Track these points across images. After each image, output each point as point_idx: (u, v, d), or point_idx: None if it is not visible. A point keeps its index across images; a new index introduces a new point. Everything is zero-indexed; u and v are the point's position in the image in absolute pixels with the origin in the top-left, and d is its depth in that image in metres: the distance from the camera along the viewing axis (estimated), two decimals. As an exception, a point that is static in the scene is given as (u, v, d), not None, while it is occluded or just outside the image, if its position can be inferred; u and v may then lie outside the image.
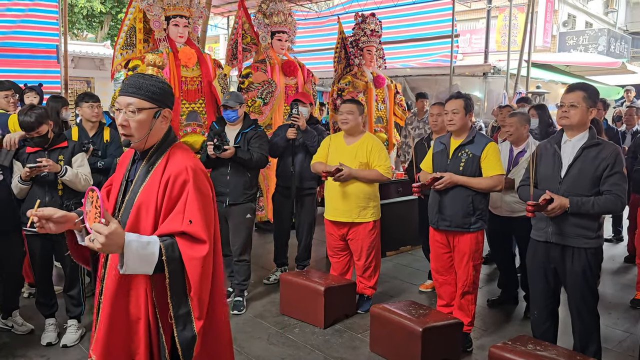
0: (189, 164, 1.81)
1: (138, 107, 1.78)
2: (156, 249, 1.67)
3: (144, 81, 1.81)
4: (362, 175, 3.94)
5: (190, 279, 1.72)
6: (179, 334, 1.73)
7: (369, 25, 6.85)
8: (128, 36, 5.34)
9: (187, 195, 1.76)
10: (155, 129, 1.83)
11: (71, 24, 14.98)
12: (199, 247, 1.72)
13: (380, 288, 4.54)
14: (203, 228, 1.73)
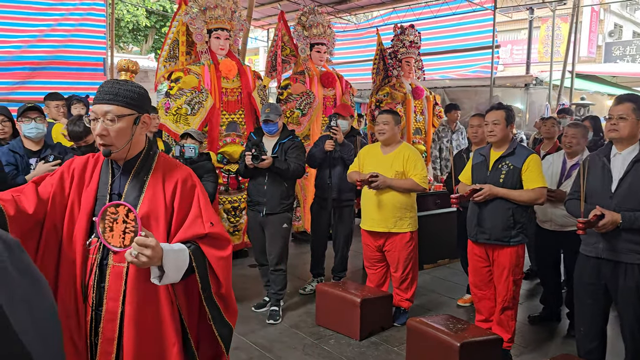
0: (188, 169, 1.85)
1: (117, 114, 1.68)
2: (186, 256, 1.67)
3: (120, 87, 1.70)
4: (397, 184, 3.92)
5: (220, 277, 1.75)
6: (219, 331, 1.79)
7: (408, 36, 6.85)
8: (171, 49, 5.50)
9: (198, 199, 1.78)
10: (136, 136, 1.74)
11: (117, 38, 15.54)
12: (224, 246, 1.77)
13: (417, 301, 4.48)
14: (222, 228, 1.79)
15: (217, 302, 1.79)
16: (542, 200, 3.40)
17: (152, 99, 5.24)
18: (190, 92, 5.11)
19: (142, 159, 1.79)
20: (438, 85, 9.88)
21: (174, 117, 5.04)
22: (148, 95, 1.80)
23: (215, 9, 5.36)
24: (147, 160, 1.80)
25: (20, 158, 3.44)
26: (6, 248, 0.82)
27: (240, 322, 4.04)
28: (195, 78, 5.19)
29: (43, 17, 6.88)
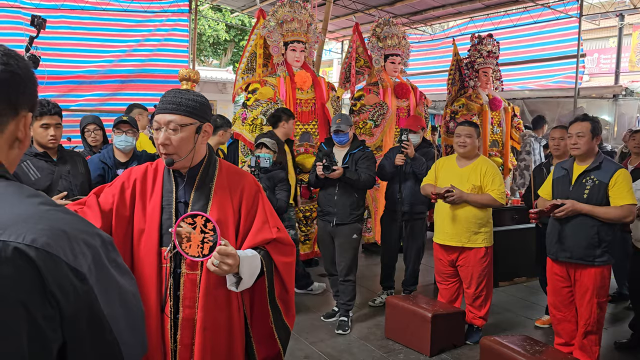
0: (250, 175, 1.91)
1: (179, 123, 1.68)
2: (258, 262, 1.71)
3: (182, 97, 1.71)
4: (474, 199, 3.80)
5: (285, 282, 1.81)
6: (278, 333, 1.83)
7: (486, 46, 6.68)
8: (249, 61, 5.69)
9: (263, 204, 1.82)
10: (198, 145, 1.75)
11: (199, 52, 16.29)
12: (289, 251, 1.82)
13: (491, 319, 4.30)
14: (287, 233, 1.84)
15: (279, 305, 1.84)
16: (631, 218, 3.18)
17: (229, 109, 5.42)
18: (266, 103, 5.25)
19: (204, 167, 1.81)
20: (517, 96, 9.51)
21: (250, 127, 5.20)
22: (209, 104, 1.81)
23: (292, 22, 5.49)
24: (210, 167, 1.82)
25: (108, 169, 3.65)
26: (103, 243, 0.89)
27: (310, 330, 4.08)
28: (271, 89, 5.33)
29: (132, 34, 7.32)
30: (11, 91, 0.90)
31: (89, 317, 0.84)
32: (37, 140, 3.03)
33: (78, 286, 0.82)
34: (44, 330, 0.79)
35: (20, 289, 0.77)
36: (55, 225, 0.83)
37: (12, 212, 0.82)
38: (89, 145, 4.15)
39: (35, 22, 4.79)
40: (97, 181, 3.58)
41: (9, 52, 0.91)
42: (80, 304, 0.82)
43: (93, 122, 4.20)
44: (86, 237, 0.86)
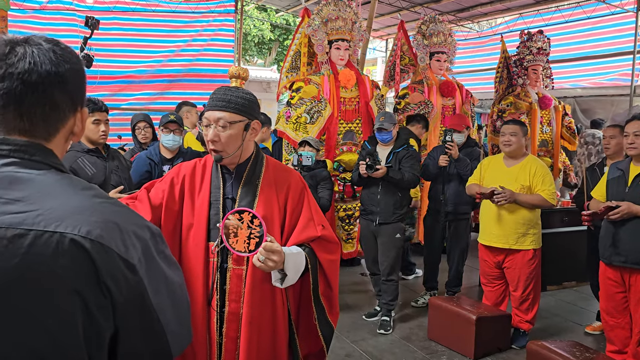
0: (296, 172, 1.92)
1: (228, 120, 1.71)
2: (303, 259, 1.73)
3: (232, 94, 1.74)
4: (523, 200, 3.68)
5: (329, 279, 1.82)
6: (322, 331, 1.84)
7: (536, 43, 6.47)
8: (293, 60, 5.72)
9: (308, 201, 1.83)
10: (246, 142, 1.78)
11: (244, 51, 16.51)
12: (334, 249, 1.83)
13: (539, 324, 4.17)
14: (332, 231, 1.84)
15: (323, 302, 1.84)
16: (693, 221, 3.01)
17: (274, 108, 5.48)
18: (310, 102, 5.27)
19: (252, 164, 1.83)
20: (568, 94, 9.18)
21: (293, 125, 5.23)
22: (257, 101, 1.83)
23: (337, 21, 5.48)
24: (257, 164, 1.85)
25: (154, 165, 3.75)
26: (152, 236, 0.91)
27: (351, 329, 4.07)
28: (315, 88, 5.34)
29: (180, 34, 7.50)
30: (74, 88, 0.93)
31: (139, 307, 0.86)
32: (88, 136, 3.14)
33: (129, 277, 0.84)
34: (97, 319, 0.81)
35: (76, 278, 0.79)
36: (108, 217, 0.85)
37: (67, 204, 0.84)
38: (139, 142, 4.28)
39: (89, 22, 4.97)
40: (144, 177, 3.69)
41: (70, 49, 0.94)
42: (130, 294, 0.84)
43: (143, 120, 4.32)
44: (136, 230, 0.88)
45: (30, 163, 0.87)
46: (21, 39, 0.89)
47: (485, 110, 9.61)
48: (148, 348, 0.90)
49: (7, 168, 0.85)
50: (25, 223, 0.79)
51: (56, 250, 0.78)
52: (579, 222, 3.75)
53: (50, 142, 0.92)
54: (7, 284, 0.77)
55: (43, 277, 0.78)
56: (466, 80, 8.76)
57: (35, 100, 0.88)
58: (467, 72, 9.97)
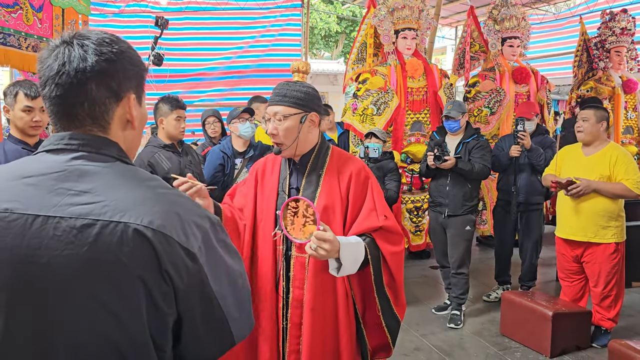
0: (360, 162, 1.91)
1: (284, 114, 1.79)
2: (362, 249, 1.73)
3: (289, 88, 1.81)
4: (604, 189, 3.46)
5: (392, 270, 1.80)
6: (387, 323, 1.84)
7: (619, 22, 6.05)
8: (359, 51, 5.69)
9: (372, 191, 1.82)
10: (304, 134, 1.82)
11: (311, 45, 16.63)
12: (397, 240, 1.81)
13: (622, 322, 3.93)
14: (395, 221, 1.81)
15: (388, 294, 1.83)
16: None
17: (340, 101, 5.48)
18: (376, 93, 5.23)
19: (315, 155, 1.88)
20: (657, 77, 8.53)
21: (360, 117, 5.21)
22: (316, 94, 1.87)
23: (403, 9, 5.39)
24: (321, 155, 1.89)
25: (227, 158, 3.88)
26: (212, 225, 0.94)
27: (420, 322, 4.02)
28: (382, 79, 5.28)
29: (248, 30, 7.66)
30: (110, 79, 0.93)
31: (200, 294, 0.89)
32: (169, 131, 3.31)
33: (190, 265, 0.86)
34: (160, 305, 0.85)
35: (140, 266, 0.83)
36: (170, 207, 0.88)
37: (131, 195, 0.87)
38: (209, 136, 4.43)
39: (159, 22, 5.19)
40: (218, 170, 3.83)
41: (102, 39, 0.93)
42: (192, 281, 0.87)
43: (212, 115, 4.48)
44: (197, 219, 0.91)
45: (97, 156, 0.92)
46: (63, 40, 0.92)
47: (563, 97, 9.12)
48: (210, 334, 0.93)
49: (76, 161, 0.90)
50: (93, 213, 0.83)
51: (120, 239, 0.82)
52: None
53: (108, 134, 0.96)
54: (78, 271, 0.82)
55: (109, 265, 0.82)
56: (542, 65, 8.34)
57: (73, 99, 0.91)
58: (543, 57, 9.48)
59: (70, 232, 0.82)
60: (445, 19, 10.03)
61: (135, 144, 1.03)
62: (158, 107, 3.34)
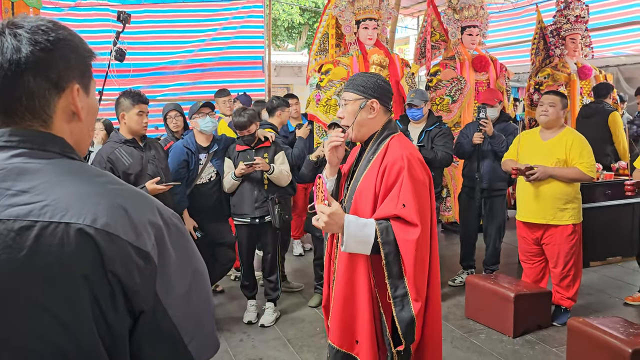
0: (405, 152, 1.92)
1: (347, 99, 2.00)
2: (372, 231, 1.81)
3: (358, 77, 2.03)
4: (560, 174, 3.57)
5: (404, 260, 1.82)
6: (397, 314, 1.84)
7: (573, 10, 6.22)
8: (321, 42, 5.68)
9: (401, 181, 1.86)
10: (362, 118, 1.98)
11: (274, 37, 16.52)
12: (411, 230, 1.82)
13: (581, 300, 4.07)
14: (415, 212, 1.82)
15: (398, 281, 1.84)
16: None
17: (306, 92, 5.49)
18: (339, 84, 5.23)
19: (374, 140, 2.01)
20: (611, 63, 8.79)
21: (324, 108, 5.21)
22: (382, 84, 2.02)
23: (363, 0, 5.40)
24: (379, 141, 2.00)
25: (191, 154, 3.84)
26: (166, 223, 0.88)
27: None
28: (344, 69, 5.29)
29: (210, 23, 7.55)
30: (48, 69, 0.87)
31: (153, 297, 0.83)
32: (131, 127, 3.25)
33: (142, 265, 0.81)
34: (108, 309, 0.80)
35: (83, 268, 0.78)
36: (118, 203, 0.83)
37: (75, 193, 0.82)
38: (171, 131, 4.36)
39: (120, 17, 5.08)
40: (182, 166, 3.79)
41: (36, 27, 0.86)
42: (147, 283, 0.82)
43: (174, 109, 4.41)
44: (150, 217, 0.85)
45: (39, 153, 0.86)
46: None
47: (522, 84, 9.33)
48: (162, 348, 0.86)
49: (16, 159, 0.84)
50: (32, 214, 0.78)
51: (62, 241, 0.77)
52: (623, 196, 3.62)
53: (51, 129, 0.89)
54: (17, 275, 0.77)
55: (50, 268, 0.78)
56: (501, 54, 8.50)
57: (9, 93, 0.86)
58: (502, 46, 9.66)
59: (7, 235, 0.78)
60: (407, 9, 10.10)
61: (83, 137, 0.96)
62: (119, 102, 3.27)
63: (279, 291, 4.05)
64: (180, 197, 3.71)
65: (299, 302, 4.35)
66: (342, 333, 1.99)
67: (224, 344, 3.61)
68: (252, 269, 4.07)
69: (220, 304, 4.37)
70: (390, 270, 1.83)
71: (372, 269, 1.91)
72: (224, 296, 4.55)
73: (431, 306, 1.97)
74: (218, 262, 3.94)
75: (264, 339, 3.70)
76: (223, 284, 4.71)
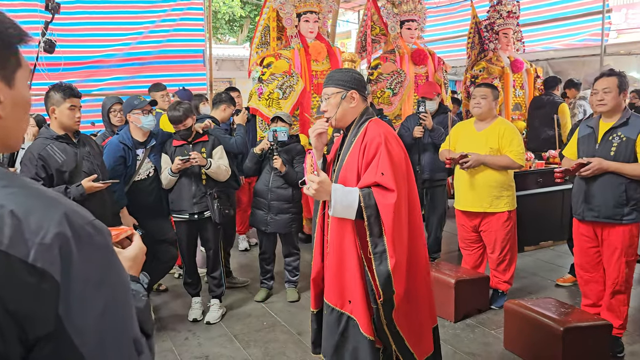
0: (382, 130, 2.20)
1: (328, 93, 2.28)
2: (356, 197, 2.08)
3: (335, 74, 2.31)
4: (491, 161, 3.72)
5: (384, 222, 2.08)
6: (376, 268, 2.09)
7: (505, 6, 6.46)
8: (263, 35, 5.63)
9: (380, 154, 2.12)
10: (344, 108, 2.26)
11: (215, 30, 16.20)
12: (389, 195, 2.08)
13: (517, 284, 4.27)
14: (392, 179, 2.08)
15: (378, 240, 2.09)
16: (660, 174, 3.08)
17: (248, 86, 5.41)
18: (281, 77, 5.21)
19: (354, 125, 2.28)
20: (541, 57, 9.23)
21: (266, 101, 5.17)
22: (357, 76, 2.30)
23: (304, -8, 5.39)
24: (357, 125, 2.27)
25: (128, 150, 3.70)
26: (75, 234, 0.75)
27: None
28: (286, 62, 5.27)
29: (148, 15, 7.30)
30: None
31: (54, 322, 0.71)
32: (63, 122, 3.09)
33: (34, 284, 0.69)
34: None
35: None
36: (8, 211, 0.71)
37: None
38: (114, 125, 4.19)
39: (49, 6, 4.82)
40: (119, 162, 3.64)
41: None
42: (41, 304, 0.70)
43: (118, 102, 4.23)
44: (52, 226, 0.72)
45: None
46: None
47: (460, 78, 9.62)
48: None
49: None
50: None
51: None
52: (553, 183, 3.81)
53: None
54: None
55: None
56: (439, 48, 8.73)
57: None
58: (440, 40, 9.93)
59: None
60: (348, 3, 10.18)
61: (9, 133, 0.84)
62: (49, 96, 3.10)
63: (223, 287, 4.00)
64: (118, 194, 3.59)
65: (245, 298, 4.31)
66: (336, 293, 2.24)
67: (168, 343, 3.53)
68: (194, 265, 4.00)
69: (164, 302, 4.27)
70: (372, 230, 2.08)
71: (357, 232, 2.16)
72: (168, 295, 4.44)
73: (414, 262, 2.23)
74: (159, 260, 3.83)
75: (210, 336, 3.64)
76: (167, 282, 4.60)
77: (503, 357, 3.26)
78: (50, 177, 3.04)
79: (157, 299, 4.32)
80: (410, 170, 2.25)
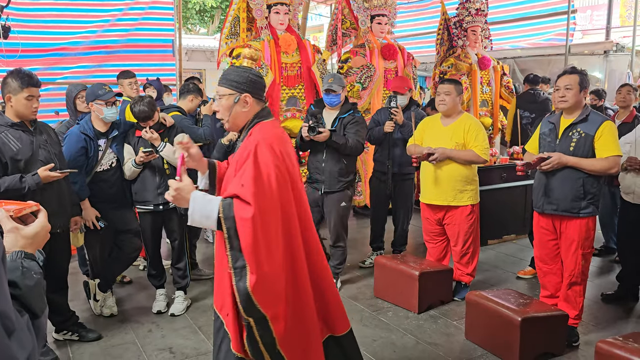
0: (259, 137, 2.04)
1: (221, 94, 2.12)
2: (216, 207, 1.94)
3: (231, 72, 2.13)
4: (456, 155, 3.79)
5: (240, 236, 1.91)
6: (236, 284, 1.93)
7: (474, 4, 6.56)
8: (232, 26, 5.57)
9: (247, 165, 1.98)
10: (237, 112, 2.11)
11: (185, 20, 15.97)
12: (246, 208, 1.91)
13: (480, 276, 4.36)
14: (250, 192, 1.91)
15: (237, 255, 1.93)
16: (616, 170, 3.19)
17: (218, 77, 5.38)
18: (251, 68, 5.17)
19: (244, 129, 2.16)
20: (508, 55, 9.41)
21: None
22: (253, 78, 2.13)
23: (274, -16, 5.35)
24: (245, 129, 2.15)
25: (90, 140, 3.61)
26: None
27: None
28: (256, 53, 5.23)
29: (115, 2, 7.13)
30: None
31: None
32: (19, 111, 3.00)
33: None
34: None
35: None
36: None
37: None
38: (80, 112, 4.08)
39: (4, -10, 4.64)
40: (80, 153, 3.56)
41: None
42: None
43: (84, 89, 4.11)
44: None
45: None
46: None
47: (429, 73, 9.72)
48: None
49: None
50: None
51: None
52: (517, 178, 3.88)
53: None
54: None
55: None
56: (410, 44, 8.81)
57: None
58: (411, 36, 10.02)
59: None
60: (320, -3, 10.15)
61: None
62: (6, 83, 3.00)
63: (188, 279, 3.96)
64: (80, 185, 3.51)
65: (210, 290, 4.27)
66: (219, 301, 2.14)
67: (131, 335, 3.49)
68: (159, 257, 3.95)
69: (128, 294, 4.21)
70: (231, 244, 1.93)
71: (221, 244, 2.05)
72: (132, 287, 4.38)
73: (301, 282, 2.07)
74: (123, 251, 3.77)
75: (174, 327, 3.61)
76: (131, 274, 4.53)
77: (464, 346, 3.32)
78: (4, 166, 2.95)
79: (121, 291, 4.25)
80: (296, 181, 2.10)
